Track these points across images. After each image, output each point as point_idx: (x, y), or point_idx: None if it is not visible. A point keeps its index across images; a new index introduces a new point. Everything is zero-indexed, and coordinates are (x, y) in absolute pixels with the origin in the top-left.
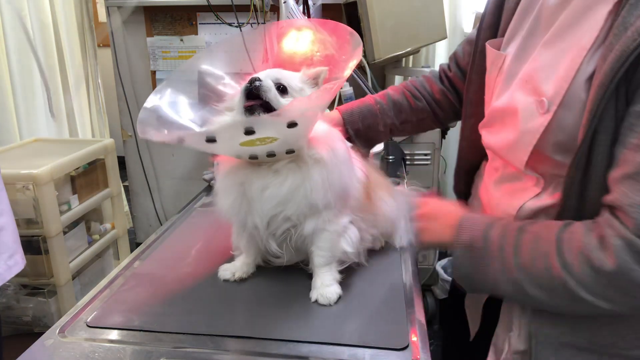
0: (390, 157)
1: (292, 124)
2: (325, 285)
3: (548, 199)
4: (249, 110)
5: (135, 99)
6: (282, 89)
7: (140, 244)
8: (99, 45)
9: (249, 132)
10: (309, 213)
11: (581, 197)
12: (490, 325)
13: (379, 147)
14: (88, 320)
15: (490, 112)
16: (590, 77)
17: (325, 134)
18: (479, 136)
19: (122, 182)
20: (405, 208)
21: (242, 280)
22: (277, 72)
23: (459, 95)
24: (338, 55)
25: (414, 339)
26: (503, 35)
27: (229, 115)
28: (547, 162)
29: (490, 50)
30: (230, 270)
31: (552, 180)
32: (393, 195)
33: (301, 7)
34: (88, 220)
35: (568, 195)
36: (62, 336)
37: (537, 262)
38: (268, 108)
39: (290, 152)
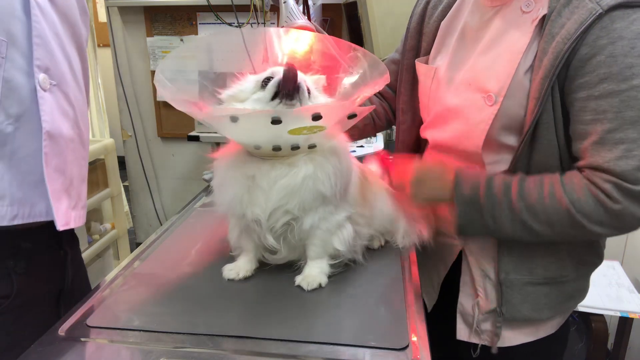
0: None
1: (352, 116)
2: (311, 275)
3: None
4: (288, 96)
5: (135, 99)
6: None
7: (140, 244)
8: (99, 45)
9: (316, 117)
10: (311, 206)
11: (527, 165)
12: (447, 297)
13: (379, 146)
14: (88, 320)
15: (434, 115)
16: (528, 71)
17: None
18: (412, 137)
19: (122, 182)
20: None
21: (246, 278)
22: (300, 73)
23: (389, 105)
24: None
25: (414, 338)
26: (425, 54)
27: (238, 106)
28: (494, 144)
29: (420, 66)
30: (234, 270)
31: (492, 168)
32: (388, 193)
33: (301, 7)
34: (88, 220)
35: (516, 165)
36: (62, 336)
37: (544, 201)
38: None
39: (312, 146)
